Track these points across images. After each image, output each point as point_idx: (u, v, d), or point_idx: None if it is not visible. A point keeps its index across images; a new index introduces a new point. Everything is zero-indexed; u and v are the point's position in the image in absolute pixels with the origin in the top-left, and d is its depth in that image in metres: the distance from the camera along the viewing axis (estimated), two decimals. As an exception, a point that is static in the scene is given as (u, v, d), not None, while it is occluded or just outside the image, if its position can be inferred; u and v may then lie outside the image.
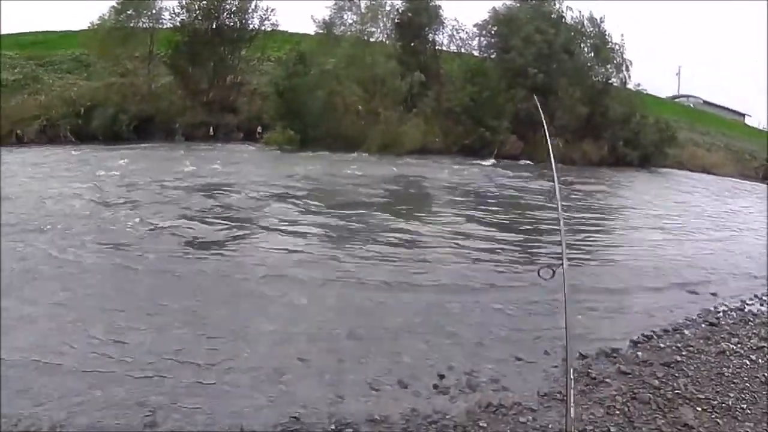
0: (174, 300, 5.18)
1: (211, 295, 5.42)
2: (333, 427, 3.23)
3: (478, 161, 19.52)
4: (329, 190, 12.34)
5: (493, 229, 8.85)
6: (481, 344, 4.44)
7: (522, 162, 20.39)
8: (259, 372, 3.86)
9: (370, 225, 8.55)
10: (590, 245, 8.28)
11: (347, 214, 9.16)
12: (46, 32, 26.02)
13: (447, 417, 3.33)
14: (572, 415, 1.56)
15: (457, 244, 7.78)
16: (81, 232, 7.51)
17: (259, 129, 20.52)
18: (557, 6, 24.01)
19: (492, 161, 20.00)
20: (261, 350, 4.19)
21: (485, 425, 3.25)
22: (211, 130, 20.82)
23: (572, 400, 1.71)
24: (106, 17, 22.17)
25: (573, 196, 13.44)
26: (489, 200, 12.13)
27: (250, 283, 5.78)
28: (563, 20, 23.91)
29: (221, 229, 7.96)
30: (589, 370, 3.92)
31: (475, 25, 23.13)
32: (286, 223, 8.45)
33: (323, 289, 5.63)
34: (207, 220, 8.45)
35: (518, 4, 23.52)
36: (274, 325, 4.63)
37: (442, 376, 3.80)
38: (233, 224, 8.27)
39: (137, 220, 8.22)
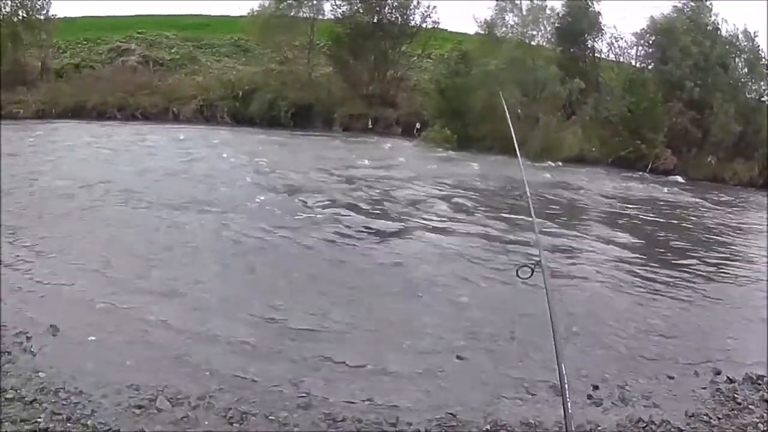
0: (334, 286, 5.21)
1: (373, 284, 5.45)
2: (488, 426, 3.25)
3: (633, 173, 19.42)
4: (487, 191, 12.33)
5: (653, 247, 8.75)
6: (635, 359, 4.52)
7: (675, 178, 20.17)
8: (418, 365, 3.90)
9: (525, 229, 8.46)
10: (732, 271, 8.12)
11: (505, 217, 9.22)
12: (205, 16, 27.19)
13: (599, 428, 3.37)
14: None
15: (613, 257, 7.73)
16: (243, 212, 7.71)
17: (417, 125, 20.99)
18: (713, 18, 23.40)
19: (647, 175, 19.90)
20: (421, 344, 4.22)
21: None
22: (370, 122, 21.46)
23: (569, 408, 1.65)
24: (266, 5, 23.08)
25: (725, 221, 12.98)
26: (660, 215, 12.03)
27: (411, 276, 5.82)
28: (719, 32, 23.29)
29: (381, 220, 8.12)
30: (735, 395, 3.98)
31: (633, 34, 22.83)
32: (445, 221, 8.59)
33: (482, 289, 5.69)
34: (367, 210, 8.63)
35: (675, 14, 23.03)
36: (435, 320, 4.69)
37: (596, 387, 3.85)
38: (393, 217, 8.42)
39: (298, 204, 8.44)
